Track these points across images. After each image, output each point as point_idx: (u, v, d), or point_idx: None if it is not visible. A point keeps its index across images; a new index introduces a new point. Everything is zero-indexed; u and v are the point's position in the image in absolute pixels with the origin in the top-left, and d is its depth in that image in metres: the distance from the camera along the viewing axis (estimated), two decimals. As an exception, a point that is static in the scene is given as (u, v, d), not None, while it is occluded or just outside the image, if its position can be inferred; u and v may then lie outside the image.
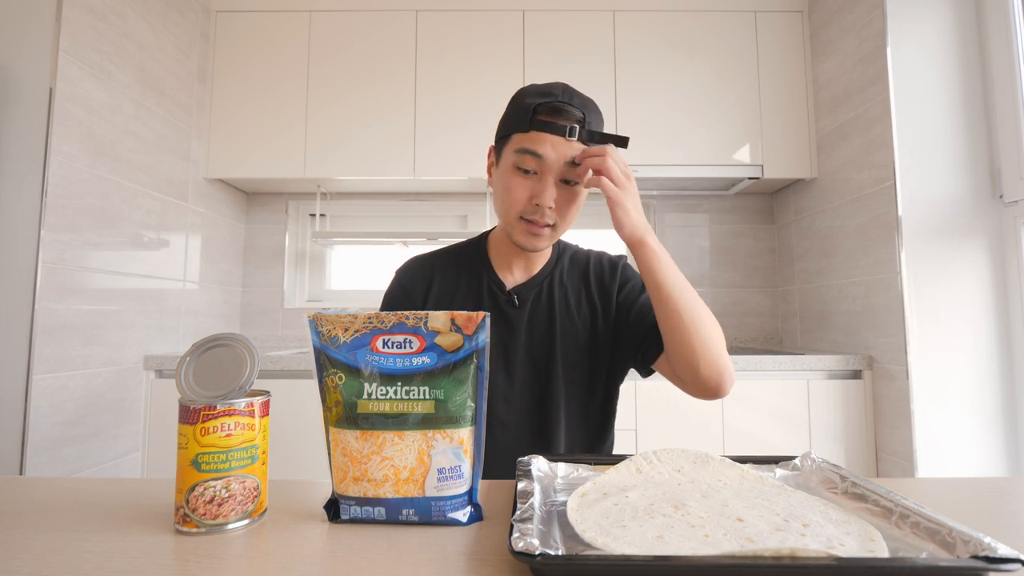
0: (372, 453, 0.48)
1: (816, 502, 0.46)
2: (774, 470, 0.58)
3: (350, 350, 0.49)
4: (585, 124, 0.73)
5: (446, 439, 0.48)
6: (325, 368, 0.49)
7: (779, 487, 0.51)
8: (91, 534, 0.45)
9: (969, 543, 0.36)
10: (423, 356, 0.49)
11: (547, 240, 0.79)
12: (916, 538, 0.40)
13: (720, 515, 0.43)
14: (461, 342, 0.49)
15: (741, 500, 0.47)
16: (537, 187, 0.75)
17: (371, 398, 0.48)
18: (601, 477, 0.54)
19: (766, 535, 0.40)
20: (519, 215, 0.77)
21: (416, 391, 0.48)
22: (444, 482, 0.48)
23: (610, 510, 0.45)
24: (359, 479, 0.48)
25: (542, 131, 0.73)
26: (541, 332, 0.84)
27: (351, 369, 0.49)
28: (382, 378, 0.48)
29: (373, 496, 0.47)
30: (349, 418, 0.48)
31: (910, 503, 0.43)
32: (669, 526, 0.41)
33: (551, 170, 0.74)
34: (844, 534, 0.40)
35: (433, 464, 0.48)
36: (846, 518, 0.43)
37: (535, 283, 0.86)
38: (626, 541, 0.39)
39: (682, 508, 0.45)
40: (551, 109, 0.74)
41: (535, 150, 0.73)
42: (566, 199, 0.76)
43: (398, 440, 0.48)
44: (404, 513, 0.47)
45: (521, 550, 0.35)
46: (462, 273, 0.87)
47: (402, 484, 0.48)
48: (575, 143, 0.73)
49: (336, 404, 0.49)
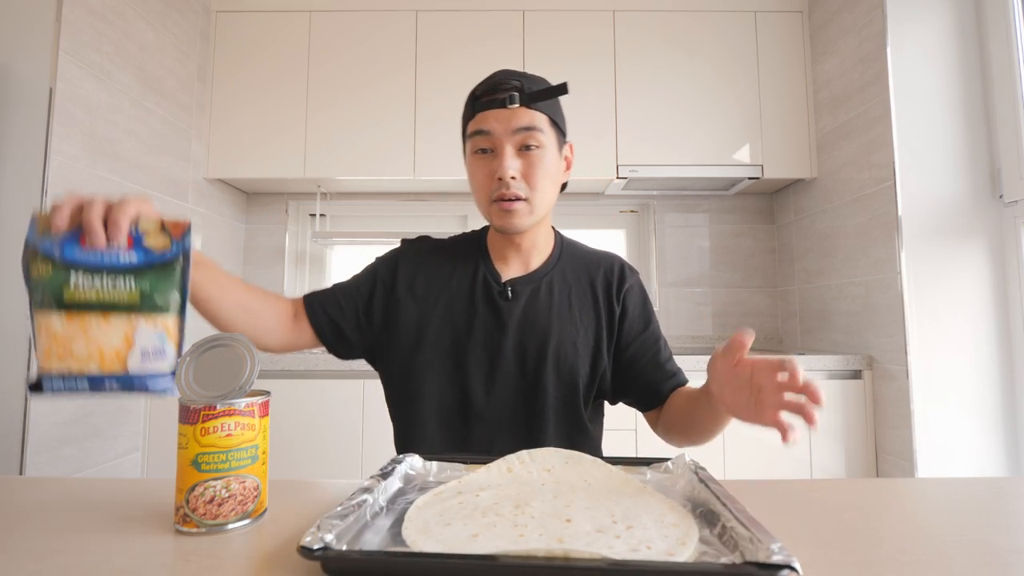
0: (78, 334, 0.50)
1: (662, 505, 0.46)
2: (645, 472, 0.57)
3: (58, 245, 0.51)
4: (524, 89, 0.75)
5: (150, 323, 0.52)
6: (33, 260, 0.51)
7: (639, 489, 0.50)
8: (91, 534, 0.45)
9: (761, 551, 0.35)
10: (130, 253, 0.52)
11: (524, 216, 0.77)
12: (728, 545, 0.39)
13: (553, 515, 0.43)
14: (168, 244, 0.54)
15: (589, 501, 0.47)
16: (495, 163, 0.75)
17: (77, 288, 0.51)
18: (468, 476, 0.54)
19: (580, 536, 0.40)
20: (490, 198, 0.77)
21: (123, 283, 0.52)
22: (147, 361, 0.52)
23: (448, 509, 0.45)
24: (63, 357, 0.50)
25: (485, 110, 0.75)
26: (534, 329, 0.81)
27: (57, 261, 0.51)
28: (87, 270, 0.51)
29: (77, 372, 0.50)
30: (56, 302, 0.51)
31: (735, 510, 0.42)
32: (491, 525, 0.41)
33: (503, 141, 0.75)
34: (661, 537, 0.39)
35: (137, 344, 0.51)
36: (677, 521, 0.42)
37: (533, 279, 0.84)
38: (437, 539, 0.39)
39: (522, 507, 0.45)
40: (488, 88, 0.76)
41: (482, 128, 0.75)
42: (529, 165, 0.76)
43: (104, 323, 0.51)
44: (107, 384, 0.51)
45: (306, 545, 0.35)
46: (458, 262, 0.86)
47: (107, 361, 0.51)
48: (519, 109, 0.74)
49: (43, 291, 0.51)
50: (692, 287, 2.26)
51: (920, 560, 0.41)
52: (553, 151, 0.78)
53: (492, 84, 0.76)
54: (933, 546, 0.43)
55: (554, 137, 0.78)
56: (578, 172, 1.98)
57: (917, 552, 0.42)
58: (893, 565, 0.40)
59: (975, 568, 0.39)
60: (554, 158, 0.78)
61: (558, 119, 0.79)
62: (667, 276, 2.27)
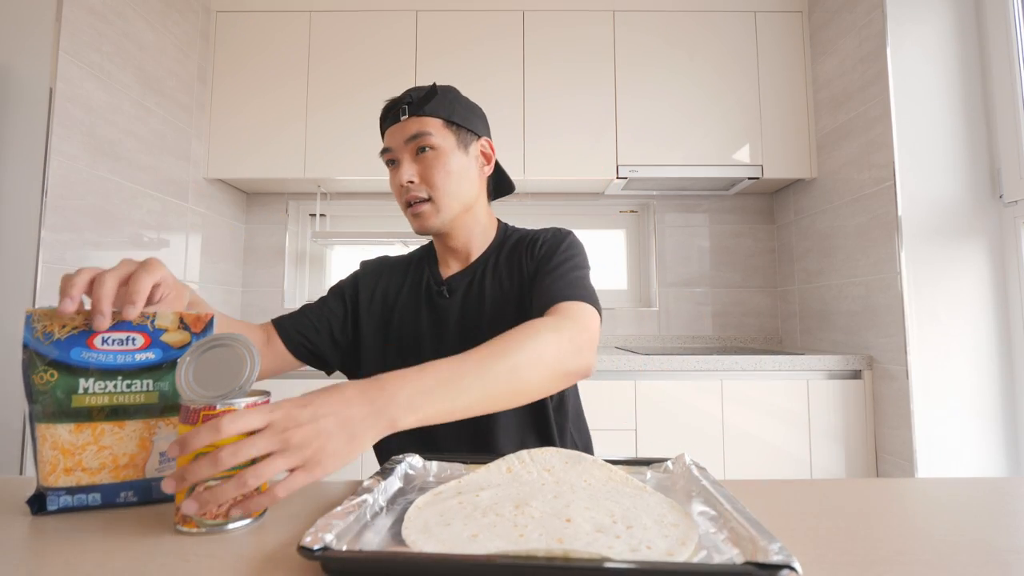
0: (88, 444, 0.47)
1: (663, 505, 0.46)
2: (645, 472, 0.57)
3: (63, 347, 0.47)
4: (413, 102, 0.80)
5: (169, 425, 0.50)
6: (34, 366, 0.47)
7: (639, 489, 0.50)
8: (90, 534, 0.45)
9: (761, 551, 0.35)
10: (147, 352, 0.49)
11: (432, 217, 0.81)
12: (727, 544, 0.39)
13: (553, 515, 0.43)
14: (188, 339, 0.51)
15: (589, 501, 0.47)
16: (400, 173, 0.80)
17: (87, 392, 0.47)
18: (468, 476, 0.53)
19: (580, 536, 0.40)
20: (404, 206, 0.82)
21: (139, 383, 0.49)
22: (166, 463, 0.49)
23: (449, 509, 0.45)
24: (71, 470, 0.47)
25: (386, 128, 0.83)
26: (472, 319, 0.82)
27: (63, 366, 0.47)
28: (100, 373, 0.48)
29: (88, 484, 0.47)
30: (62, 413, 0.47)
31: (735, 510, 0.42)
32: (491, 525, 0.41)
33: (401, 152, 0.80)
34: (661, 537, 0.39)
35: (155, 449, 0.49)
36: (677, 521, 0.42)
37: (468, 272, 0.86)
38: (438, 539, 0.39)
39: (522, 507, 0.45)
40: (385, 111, 0.83)
41: (385, 145, 0.82)
42: (424, 167, 0.80)
43: (118, 430, 0.48)
44: (122, 495, 0.48)
45: (306, 545, 0.35)
46: (409, 272, 0.91)
47: (121, 470, 0.48)
48: (409, 120, 0.80)
49: (46, 401, 0.47)
50: (692, 287, 2.26)
51: (920, 560, 0.41)
52: (451, 149, 0.81)
53: (389, 105, 0.82)
54: (933, 546, 0.43)
55: (452, 137, 0.81)
56: (578, 172, 1.98)
57: (917, 552, 0.42)
58: (893, 565, 0.40)
59: (975, 568, 0.39)
60: (454, 156, 0.81)
61: (456, 118, 0.82)
62: (667, 276, 2.27)
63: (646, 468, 0.58)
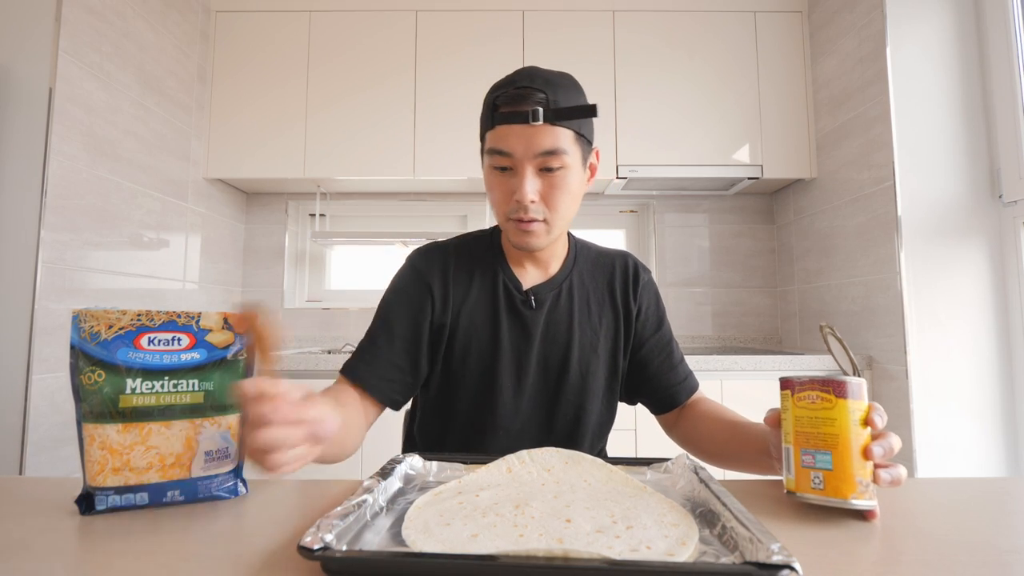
0: (136, 444, 0.48)
1: (662, 505, 0.46)
2: (645, 472, 0.57)
3: (110, 348, 0.48)
4: (550, 104, 0.67)
5: (214, 425, 0.51)
6: (80, 367, 0.48)
7: (639, 489, 0.51)
8: (90, 534, 0.45)
9: (761, 551, 0.35)
10: (192, 352, 0.50)
11: (542, 237, 0.73)
12: (727, 544, 0.39)
13: (553, 516, 0.43)
14: (232, 339, 0.51)
15: (589, 501, 0.47)
16: (514, 183, 0.70)
17: (135, 392, 0.48)
18: (468, 476, 0.54)
19: (580, 536, 0.40)
20: (506, 216, 0.72)
21: (185, 384, 0.50)
22: (211, 462, 0.50)
23: (449, 509, 0.45)
24: (119, 469, 0.48)
25: (505, 123, 0.68)
26: (557, 337, 0.79)
27: (110, 366, 0.48)
28: (147, 373, 0.49)
29: (136, 483, 0.48)
30: (110, 413, 0.48)
31: (735, 510, 0.42)
32: (491, 525, 0.42)
33: (523, 163, 0.69)
34: (661, 537, 0.39)
35: (201, 448, 0.50)
36: (677, 521, 0.42)
37: (554, 284, 0.81)
38: (438, 539, 0.39)
39: (522, 508, 0.45)
40: (510, 98, 0.68)
41: (501, 148, 0.69)
42: (550, 188, 0.70)
43: (165, 429, 0.49)
44: (169, 495, 0.49)
45: (306, 545, 0.35)
46: (476, 269, 0.81)
47: (168, 469, 0.49)
48: (542, 127, 0.67)
49: (94, 401, 0.48)
50: (692, 287, 2.26)
51: (920, 560, 0.41)
52: (577, 168, 0.72)
53: (514, 95, 0.68)
54: (933, 546, 0.43)
55: (579, 153, 0.72)
56: (578, 172, 1.98)
57: (917, 552, 0.42)
58: (893, 565, 0.40)
59: (975, 568, 0.39)
60: (578, 175, 0.72)
61: (585, 131, 0.72)
62: (667, 276, 2.27)
63: (646, 468, 0.58)
